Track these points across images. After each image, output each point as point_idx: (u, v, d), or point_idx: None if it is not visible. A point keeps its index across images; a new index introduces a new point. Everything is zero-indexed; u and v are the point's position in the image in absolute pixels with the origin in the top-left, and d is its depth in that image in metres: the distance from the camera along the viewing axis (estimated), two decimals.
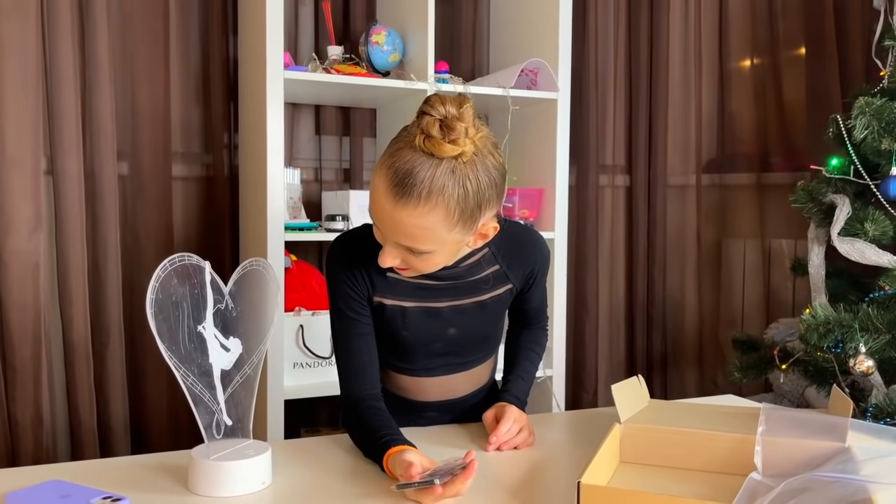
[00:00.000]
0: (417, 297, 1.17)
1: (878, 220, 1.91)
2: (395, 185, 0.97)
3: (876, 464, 0.91)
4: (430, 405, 1.28)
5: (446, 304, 1.18)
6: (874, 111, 1.89)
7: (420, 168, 0.96)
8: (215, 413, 0.99)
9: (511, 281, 1.22)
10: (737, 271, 2.92)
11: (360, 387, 1.17)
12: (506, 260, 1.20)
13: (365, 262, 1.15)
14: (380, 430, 1.09)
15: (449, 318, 1.19)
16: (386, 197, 0.98)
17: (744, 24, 2.84)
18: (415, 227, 0.99)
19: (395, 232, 1.01)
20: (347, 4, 2.39)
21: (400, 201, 0.97)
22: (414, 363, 1.24)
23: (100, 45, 2.03)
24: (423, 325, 1.18)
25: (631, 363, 2.87)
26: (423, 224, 0.98)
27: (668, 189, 2.83)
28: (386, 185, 0.98)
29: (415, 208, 0.97)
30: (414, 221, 0.98)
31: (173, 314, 0.94)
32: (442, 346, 1.21)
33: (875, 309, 1.84)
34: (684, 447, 1.06)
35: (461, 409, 1.31)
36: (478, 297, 1.19)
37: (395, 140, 1.01)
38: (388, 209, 0.99)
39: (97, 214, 2.06)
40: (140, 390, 2.17)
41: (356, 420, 1.14)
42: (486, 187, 1.00)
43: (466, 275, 1.17)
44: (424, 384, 1.26)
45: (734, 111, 2.88)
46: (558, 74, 2.19)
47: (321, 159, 2.42)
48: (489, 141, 1.02)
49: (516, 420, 1.17)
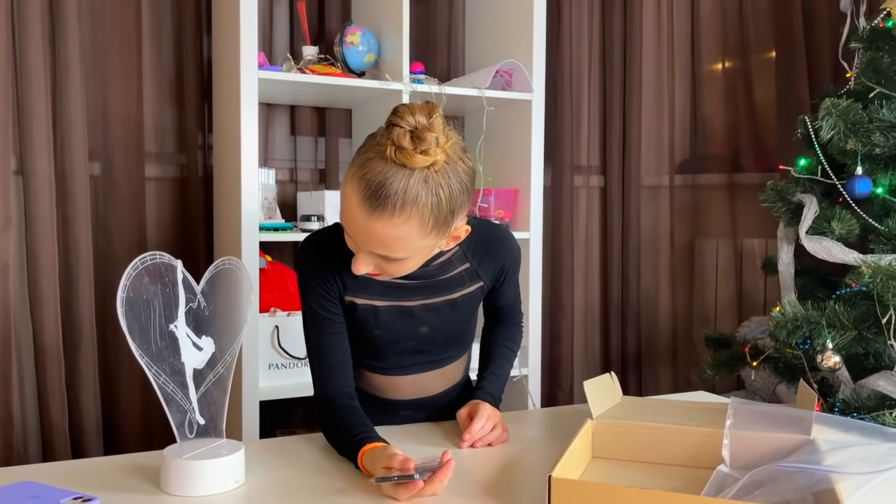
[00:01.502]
0: (389, 296, 1.18)
1: (845, 218, 1.95)
2: (369, 198, 0.97)
3: (839, 454, 0.94)
4: (403, 403, 1.29)
5: (418, 302, 1.19)
6: (840, 112, 1.93)
7: (392, 179, 0.96)
8: (188, 412, 0.99)
9: (482, 278, 1.23)
10: (709, 270, 2.96)
11: (334, 385, 1.17)
12: (476, 258, 1.21)
13: (336, 262, 1.15)
14: (354, 427, 1.09)
15: (420, 317, 1.20)
16: (359, 209, 0.98)
17: (715, 26, 2.88)
18: (389, 237, 0.99)
19: (368, 242, 1.01)
20: (322, 4, 2.39)
21: (374, 213, 0.97)
22: (386, 362, 1.24)
23: (70, 43, 2.01)
24: (395, 324, 1.19)
25: (606, 361, 2.90)
26: (398, 234, 0.99)
27: (641, 189, 2.86)
28: (358, 197, 0.98)
29: (389, 219, 0.97)
30: (388, 232, 0.98)
31: (144, 313, 0.93)
32: (414, 344, 1.22)
33: (842, 306, 1.87)
34: (655, 442, 1.08)
35: (435, 406, 1.31)
36: (449, 296, 1.20)
37: (363, 150, 1.01)
38: (361, 221, 0.99)
39: (68, 215, 2.04)
40: (112, 391, 2.15)
41: (330, 418, 1.14)
42: (458, 193, 1.01)
43: (437, 273, 1.18)
44: (397, 382, 1.27)
45: (706, 112, 2.92)
46: (533, 75, 2.21)
47: (296, 160, 2.41)
48: (459, 147, 1.02)
49: (490, 417, 1.18)
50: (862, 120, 1.92)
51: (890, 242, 1.90)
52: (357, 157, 1.01)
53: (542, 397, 2.47)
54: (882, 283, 1.74)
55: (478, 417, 1.17)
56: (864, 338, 1.85)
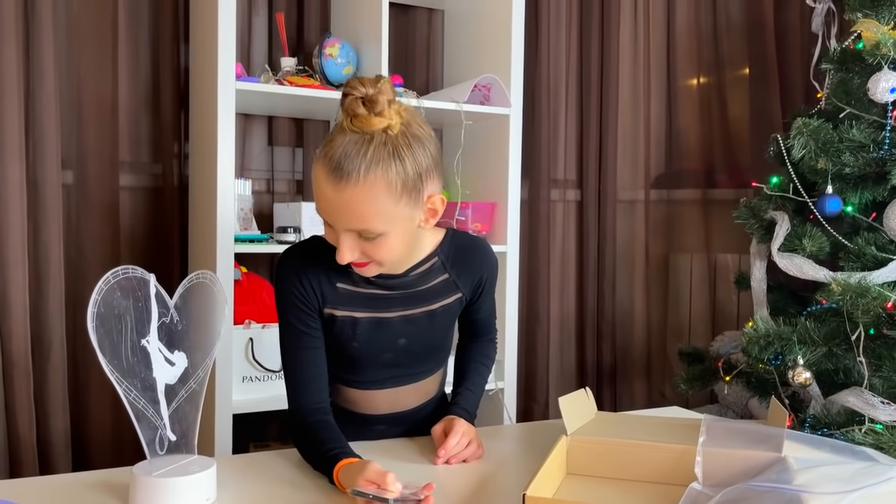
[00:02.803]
0: (368, 307, 1.18)
1: (816, 236, 1.98)
2: (334, 171, 1.00)
3: (810, 473, 0.95)
4: (378, 418, 1.28)
5: (396, 313, 1.19)
6: (811, 132, 1.97)
7: (352, 148, 1.00)
8: (159, 428, 0.98)
9: (461, 290, 1.24)
10: (684, 285, 2.99)
11: (309, 400, 1.16)
12: (455, 268, 1.22)
13: (315, 275, 1.15)
14: (328, 442, 1.09)
15: (399, 329, 1.20)
16: (327, 184, 1.01)
17: (690, 43, 2.93)
18: (361, 205, 1.00)
19: (344, 218, 1.02)
20: (301, 16, 2.38)
21: (340, 184, 1.00)
22: (363, 375, 1.24)
23: (45, 50, 1.98)
24: (374, 336, 1.19)
25: (581, 375, 2.91)
26: (368, 200, 1.00)
27: (617, 204, 2.89)
28: (325, 173, 1.01)
29: (356, 186, 0.99)
30: (359, 199, 1.00)
31: (116, 328, 0.92)
32: (392, 356, 1.22)
33: (812, 322, 1.90)
34: (629, 458, 1.09)
35: (410, 421, 1.31)
36: (428, 307, 1.21)
37: (327, 136, 1.05)
38: (332, 196, 1.01)
39: (39, 224, 2.00)
40: (82, 405, 2.11)
41: (304, 433, 1.14)
42: (423, 156, 1.04)
43: (416, 283, 1.19)
44: (373, 397, 1.26)
45: (681, 128, 2.96)
46: (511, 90, 2.22)
47: (273, 170, 2.40)
48: (415, 113, 1.06)
49: (465, 433, 1.18)
50: (832, 140, 1.95)
51: (859, 260, 1.94)
52: (322, 144, 1.05)
53: (518, 411, 2.47)
54: (851, 300, 1.77)
55: (453, 433, 1.16)
56: (835, 354, 1.88)
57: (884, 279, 1.87)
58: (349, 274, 1.16)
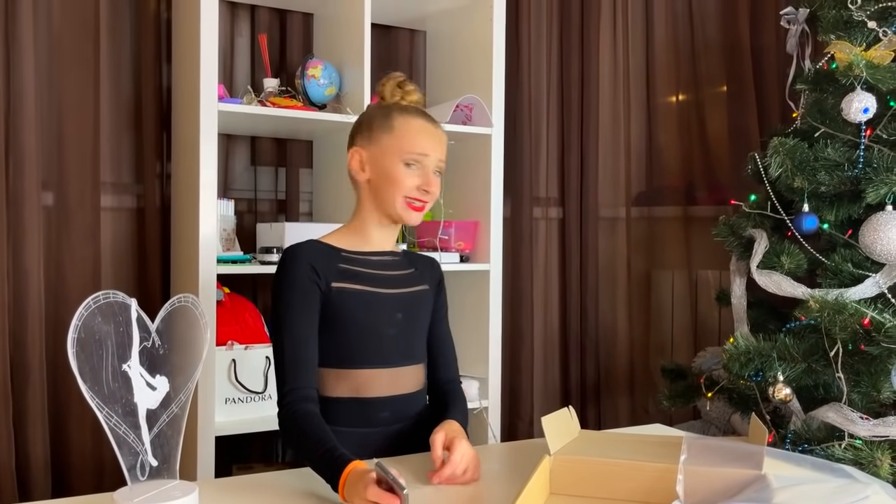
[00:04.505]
0: (367, 282, 1.33)
1: (794, 253, 2.01)
2: (427, 116, 1.37)
3: (789, 491, 0.96)
4: (383, 402, 1.33)
5: (389, 290, 1.36)
6: (787, 151, 2.00)
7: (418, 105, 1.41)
8: (140, 454, 0.97)
9: (427, 283, 1.43)
10: (665, 301, 3.02)
11: (302, 382, 1.24)
12: (417, 267, 1.44)
13: (321, 258, 1.31)
14: (328, 442, 1.13)
15: (394, 304, 1.35)
16: (429, 124, 1.35)
17: (669, 62, 2.97)
18: (446, 142, 1.38)
19: (441, 149, 1.35)
20: (284, 37, 2.40)
21: (437, 125, 1.36)
22: (371, 350, 1.33)
23: (25, 69, 1.98)
24: (376, 306, 1.33)
25: (565, 392, 2.92)
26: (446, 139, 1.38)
27: (599, 221, 2.91)
28: (422, 117, 1.35)
29: (442, 128, 1.38)
30: (444, 137, 1.38)
31: (97, 353, 0.91)
32: (394, 332, 1.35)
33: (792, 339, 1.92)
34: (612, 477, 1.09)
35: (407, 417, 1.36)
36: (410, 289, 1.39)
37: (374, 109, 1.40)
38: (433, 132, 1.35)
39: (19, 246, 1.99)
40: (62, 430, 2.09)
41: (300, 421, 1.19)
42: None
43: (394, 267, 1.39)
44: (378, 376, 1.33)
45: (661, 146, 3.00)
46: (492, 110, 2.24)
47: (256, 190, 2.40)
48: None
49: (464, 455, 1.16)
50: (808, 158, 1.99)
51: (836, 277, 1.96)
52: (376, 111, 1.38)
53: (503, 428, 2.47)
54: (829, 317, 1.79)
55: (456, 450, 1.16)
56: (814, 370, 1.90)
57: (860, 296, 1.89)
58: (346, 259, 1.34)
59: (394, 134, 1.33)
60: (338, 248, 1.35)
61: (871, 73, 1.88)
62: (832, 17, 2.08)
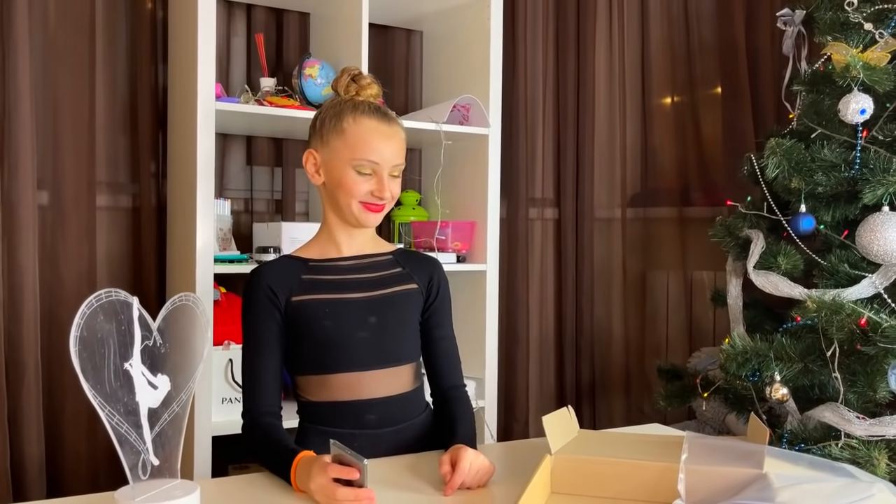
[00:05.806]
0: (332, 289, 1.31)
1: (790, 254, 2.02)
2: (382, 114, 1.31)
3: (790, 490, 0.96)
4: (368, 405, 1.30)
5: (357, 295, 1.32)
6: (784, 152, 2.01)
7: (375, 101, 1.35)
8: (141, 453, 0.96)
9: (416, 282, 1.37)
10: (661, 302, 3.02)
11: (262, 402, 1.27)
12: (408, 266, 1.38)
13: (282, 273, 1.30)
14: (279, 442, 1.20)
15: (365, 307, 1.31)
16: (382, 124, 1.30)
17: (664, 63, 2.98)
18: (403, 141, 1.33)
19: (398, 151, 1.31)
20: (281, 37, 2.39)
21: (393, 124, 1.32)
22: (345, 355, 1.30)
23: (20, 69, 1.96)
24: (342, 314, 1.30)
25: (561, 393, 2.92)
26: (404, 138, 1.34)
27: (594, 222, 2.92)
28: (376, 117, 1.29)
29: (399, 126, 1.33)
30: (402, 136, 1.33)
31: (98, 352, 0.91)
32: (368, 335, 1.31)
33: (788, 339, 1.93)
34: (613, 477, 1.09)
35: (396, 420, 1.33)
36: (385, 290, 1.34)
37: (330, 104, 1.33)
38: (387, 132, 1.29)
39: (14, 245, 1.97)
40: (58, 430, 2.07)
41: (259, 433, 1.25)
42: None
43: (367, 270, 1.35)
44: (359, 379, 1.30)
45: (656, 147, 3.00)
46: (489, 111, 2.24)
47: (252, 190, 2.39)
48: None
49: (472, 462, 1.14)
50: (805, 160, 1.99)
51: (833, 277, 1.97)
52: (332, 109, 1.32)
53: (499, 429, 2.47)
54: (826, 317, 1.80)
55: (462, 459, 1.14)
56: (810, 370, 1.91)
57: (857, 296, 1.90)
58: (312, 269, 1.32)
59: (344, 137, 1.27)
60: (305, 260, 1.33)
61: (867, 75, 1.89)
62: (829, 18, 2.09)
